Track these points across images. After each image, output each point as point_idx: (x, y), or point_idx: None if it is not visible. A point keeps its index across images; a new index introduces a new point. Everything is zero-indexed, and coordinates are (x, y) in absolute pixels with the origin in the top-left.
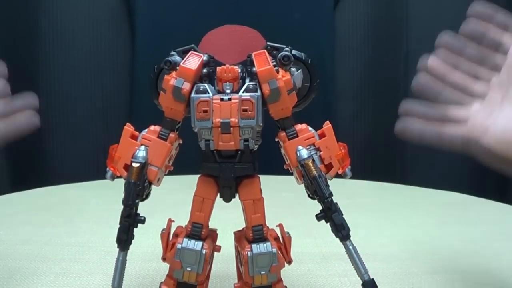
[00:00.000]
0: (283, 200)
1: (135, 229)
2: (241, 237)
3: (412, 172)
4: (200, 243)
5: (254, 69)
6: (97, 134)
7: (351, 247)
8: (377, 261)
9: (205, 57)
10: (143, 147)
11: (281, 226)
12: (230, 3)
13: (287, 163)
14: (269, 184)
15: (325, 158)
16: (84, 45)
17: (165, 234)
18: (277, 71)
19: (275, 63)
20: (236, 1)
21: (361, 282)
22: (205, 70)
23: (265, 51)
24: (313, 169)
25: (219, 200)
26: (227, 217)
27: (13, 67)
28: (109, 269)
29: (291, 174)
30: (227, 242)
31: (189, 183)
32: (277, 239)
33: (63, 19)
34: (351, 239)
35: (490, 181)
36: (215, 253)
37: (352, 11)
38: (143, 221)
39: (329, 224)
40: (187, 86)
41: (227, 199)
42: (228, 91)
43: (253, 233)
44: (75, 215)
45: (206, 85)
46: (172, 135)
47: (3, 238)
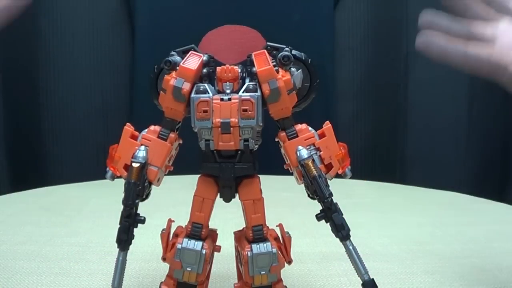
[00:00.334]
0: (283, 200)
1: (135, 229)
2: (241, 237)
3: (412, 172)
4: (200, 243)
5: (254, 69)
6: (97, 134)
7: (351, 247)
8: (377, 261)
9: (205, 57)
10: (143, 147)
11: (281, 226)
12: (230, 3)
13: (287, 163)
14: (269, 184)
15: (325, 158)
16: (84, 45)
17: (165, 234)
18: (277, 71)
19: (275, 63)
20: (236, 1)
21: (361, 282)
22: (205, 70)
23: (265, 51)
24: (313, 169)
25: (219, 200)
26: (227, 217)
27: (13, 67)
28: (109, 269)
29: (291, 174)
30: (227, 242)
31: (189, 183)
32: (277, 239)
33: (63, 20)
34: (351, 239)
35: (490, 181)
36: (215, 253)
37: (352, 11)
38: (143, 221)
39: (329, 224)
40: (187, 86)
41: (227, 199)
42: (228, 91)
43: (253, 233)
44: (75, 215)
45: (206, 85)
46: (172, 135)
47: (3, 238)
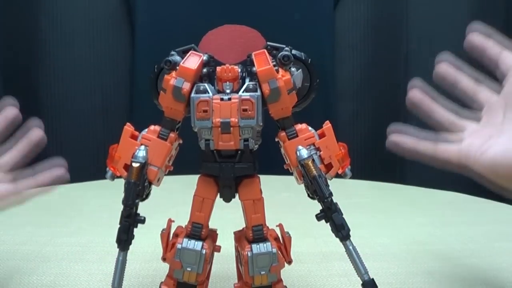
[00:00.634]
0: (283, 200)
1: (135, 229)
2: (241, 237)
3: (412, 172)
4: (200, 243)
5: (254, 69)
6: (97, 134)
7: (351, 247)
8: (377, 261)
9: (205, 57)
10: (143, 147)
11: (281, 226)
12: (230, 3)
13: (287, 163)
14: (269, 184)
15: (325, 158)
16: (84, 45)
17: (165, 234)
18: (277, 71)
19: (275, 63)
20: (236, 1)
21: (361, 282)
22: (205, 70)
23: (265, 51)
24: (313, 169)
25: (219, 200)
26: (227, 217)
27: (13, 67)
28: (109, 269)
29: (291, 174)
30: (227, 242)
31: (189, 183)
32: (277, 239)
33: (63, 19)
34: (351, 239)
35: None
36: (215, 253)
37: (352, 11)
38: (143, 221)
39: (329, 224)
40: (187, 86)
41: (227, 199)
42: (228, 91)
43: (253, 233)
44: (75, 215)
45: (206, 85)
46: (172, 135)
47: (3, 238)
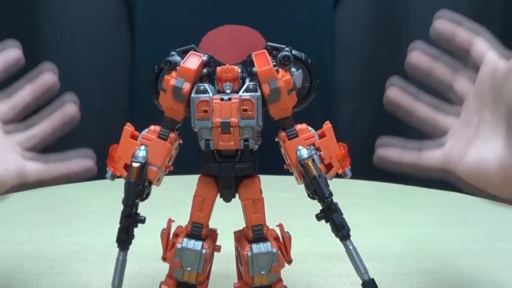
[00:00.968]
0: (283, 200)
1: (135, 229)
2: (241, 237)
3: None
4: (200, 243)
5: (254, 69)
6: (97, 134)
7: (351, 247)
8: (377, 261)
9: (205, 57)
10: (143, 147)
11: (281, 226)
12: (230, 3)
13: (287, 163)
14: (269, 184)
15: (325, 158)
16: (84, 45)
17: (165, 234)
18: (277, 71)
19: (275, 63)
20: (236, 1)
21: (361, 282)
22: (205, 70)
23: (265, 51)
24: (313, 169)
25: (219, 200)
26: (227, 217)
27: None
28: (109, 269)
29: (291, 174)
30: (227, 242)
31: (189, 183)
32: (277, 239)
33: (63, 19)
34: (351, 239)
35: None
36: (215, 253)
37: (352, 11)
38: (143, 221)
39: (329, 224)
40: (187, 86)
41: (227, 199)
42: (228, 91)
43: (253, 233)
44: (75, 215)
45: (206, 85)
46: (172, 135)
47: (3, 238)
